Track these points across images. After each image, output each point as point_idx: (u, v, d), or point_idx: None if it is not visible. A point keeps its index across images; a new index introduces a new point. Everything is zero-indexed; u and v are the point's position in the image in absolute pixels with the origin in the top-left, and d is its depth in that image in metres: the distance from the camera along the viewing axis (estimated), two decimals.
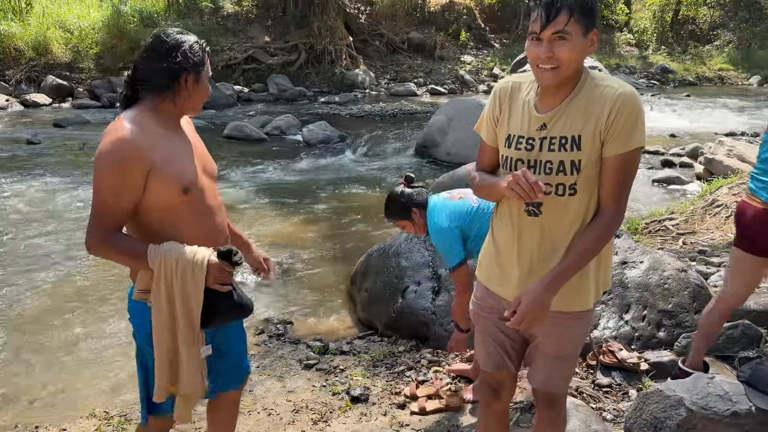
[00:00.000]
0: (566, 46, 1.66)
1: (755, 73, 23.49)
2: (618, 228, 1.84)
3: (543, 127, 1.79)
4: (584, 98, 1.74)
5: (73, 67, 14.93)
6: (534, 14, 1.69)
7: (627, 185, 1.77)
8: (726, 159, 8.40)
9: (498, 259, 1.98)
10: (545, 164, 1.78)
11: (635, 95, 1.72)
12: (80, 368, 3.69)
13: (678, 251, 5.19)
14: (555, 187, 1.78)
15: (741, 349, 3.29)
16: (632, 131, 1.70)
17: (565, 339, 1.96)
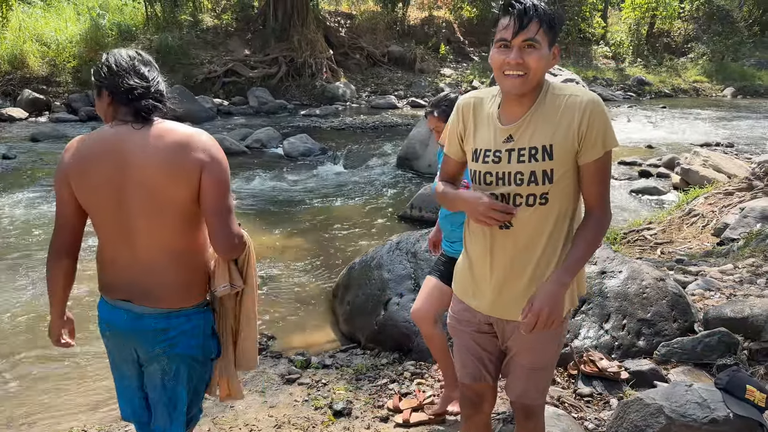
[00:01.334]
0: (535, 55, 1.71)
1: (729, 84, 23.98)
2: (609, 224, 1.89)
3: (509, 139, 1.81)
4: (549, 107, 1.78)
5: (50, 80, 14.81)
6: (504, 21, 1.73)
7: (608, 185, 1.84)
8: (702, 169, 8.55)
9: (472, 272, 1.99)
10: (515, 175, 1.79)
11: (600, 100, 1.78)
12: (57, 385, 3.62)
13: (656, 260, 5.26)
14: (525, 198, 1.80)
15: (718, 356, 3.32)
16: (605, 135, 1.76)
17: (541, 349, 1.96)
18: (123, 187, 1.78)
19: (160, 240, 1.83)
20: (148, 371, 1.96)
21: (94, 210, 1.84)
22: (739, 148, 12.01)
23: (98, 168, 1.78)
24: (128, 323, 1.89)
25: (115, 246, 1.86)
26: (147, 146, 1.77)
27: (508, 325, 1.96)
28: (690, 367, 3.30)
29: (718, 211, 6.43)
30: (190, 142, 1.80)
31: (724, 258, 5.09)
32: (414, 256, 4.25)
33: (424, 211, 7.04)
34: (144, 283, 1.85)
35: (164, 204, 1.79)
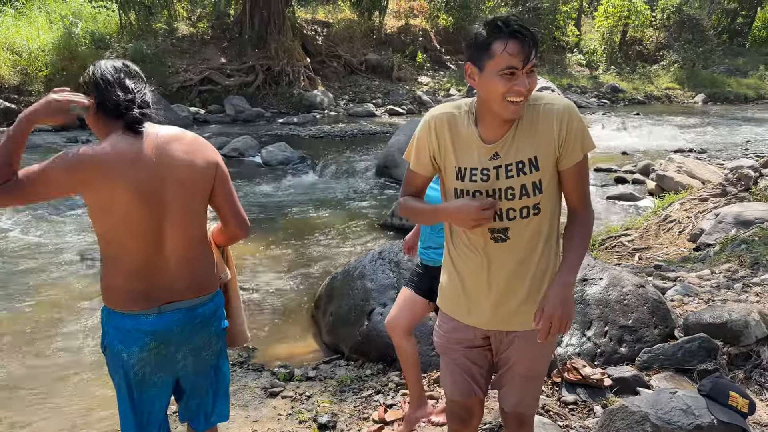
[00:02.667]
0: (534, 78, 1.71)
1: (700, 91, 24.51)
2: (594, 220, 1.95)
3: (495, 156, 1.80)
4: (528, 120, 1.78)
5: (22, 90, 14.52)
6: (510, 48, 1.65)
7: (587, 187, 1.89)
8: (677, 175, 8.69)
9: (464, 289, 1.96)
10: (506, 191, 1.80)
11: (574, 106, 1.81)
12: (39, 401, 3.53)
13: (635, 267, 5.32)
14: (519, 211, 1.81)
15: (699, 362, 3.36)
16: (583, 139, 1.80)
17: (538, 357, 1.99)
18: (159, 192, 1.83)
19: (192, 233, 1.95)
20: (196, 363, 2.02)
21: (120, 217, 1.82)
22: (711, 154, 12.24)
23: (126, 174, 1.79)
24: (183, 321, 1.93)
25: (147, 250, 1.87)
26: (169, 147, 1.87)
27: (507, 336, 1.96)
28: (671, 373, 3.33)
29: (693, 216, 6.53)
30: (201, 142, 1.98)
31: (701, 263, 5.17)
32: (397, 265, 4.24)
33: (405, 219, 7.04)
34: (190, 277, 1.94)
35: (197, 199, 1.94)
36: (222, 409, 2.18)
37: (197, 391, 2.09)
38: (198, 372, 2.05)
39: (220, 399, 2.16)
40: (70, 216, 7.23)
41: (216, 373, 2.12)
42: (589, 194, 1.90)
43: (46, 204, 7.70)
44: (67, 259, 5.85)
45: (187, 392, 2.08)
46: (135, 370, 1.91)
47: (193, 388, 2.08)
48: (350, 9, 23.25)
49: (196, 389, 2.08)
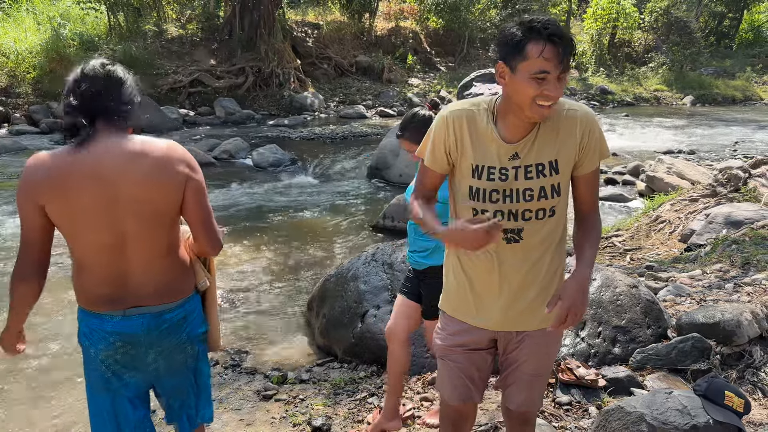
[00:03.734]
0: (563, 83, 1.68)
1: (688, 93, 24.68)
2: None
3: (515, 156, 1.79)
4: (550, 123, 1.78)
5: (9, 92, 14.41)
6: (546, 53, 1.61)
7: (597, 194, 1.96)
8: (666, 176, 8.74)
9: (473, 290, 1.95)
10: (524, 192, 1.80)
11: (593, 114, 1.86)
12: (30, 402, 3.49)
13: (626, 267, 5.33)
14: (535, 213, 1.82)
15: (692, 362, 3.37)
16: (602, 146, 1.85)
17: (546, 356, 2.03)
18: (114, 205, 1.80)
19: (157, 245, 1.91)
20: (169, 365, 2.02)
21: (81, 230, 1.83)
22: (700, 155, 12.34)
23: (84, 189, 1.77)
24: (148, 326, 1.93)
25: (109, 261, 1.87)
26: (132, 163, 1.80)
27: (516, 337, 1.97)
28: (665, 373, 3.34)
29: (684, 217, 6.57)
30: (171, 156, 1.86)
31: (693, 264, 5.19)
32: (390, 267, 4.23)
33: (397, 221, 7.03)
34: (154, 285, 1.93)
35: (155, 215, 1.86)
36: (205, 411, 2.21)
37: (177, 392, 2.11)
38: (173, 373, 2.06)
39: (203, 401, 2.19)
40: None
41: (196, 375, 2.14)
42: (597, 198, 1.96)
43: None
44: (55, 261, 5.80)
45: (166, 393, 2.10)
46: (105, 365, 1.95)
47: (172, 389, 2.09)
48: (340, 11, 23.24)
49: (175, 391, 2.10)
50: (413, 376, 3.57)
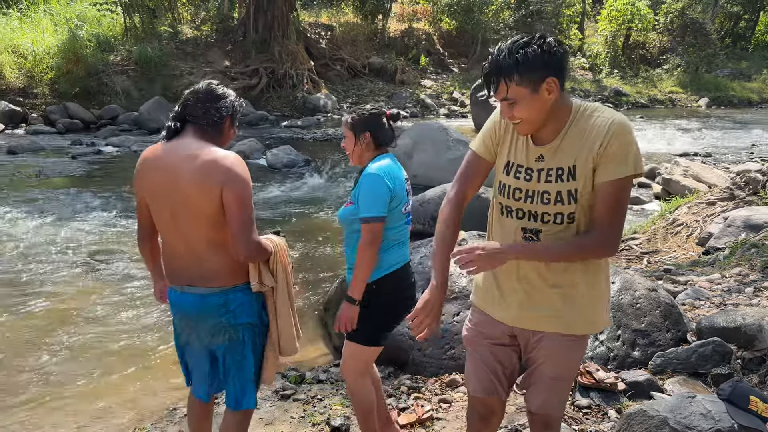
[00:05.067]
0: (517, 108, 1.74)
1: (703, 95, 24.49)
2: (610, 252, 1.85)
3: (540, 159, 1.82)
4: (578, 130, 1.78)
5: (27, 92, 14.57)
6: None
7: (618, 212, 1.77)
8: (683, 179, 8.68)
9: (498, 284, 1.99)
10: (542, 194, 1.82)
11: (627, 124, 1.75)
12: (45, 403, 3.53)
13: (644, 270, 5.30)
14: (553, 216, 1.82)
15: (713, 366, 3.35)
16: (623, 159, 1.72)
17: (566, 361, 1.99)
18: (171, 192, 2.14)
19: (198, 236, 2.18)
20: (217, 343, 2.30)
21: (155, 209, 2.23)
22: (716, 157, 12.23)
23: (154, 176, 2.19)
24: (195, 304, 2.25)
25: (172, 241, 2.24)
26: (185, 162, 2.12)
27: (534, 336, 1.96)
28: (685, 377, 3.31)
29: (701, 220, 6.51)
30: (216, 164, 2.11)
31: (711, 267, 5.15)
32: None
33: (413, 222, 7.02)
34: (199, 269, 2.21)
35: (197, 211, 2.13)
36: (245, 398, 2.38)
37: (227, 369, 2.35)
38: (225, 352, 2.31)
39: (247, 386, 2.38)
40: (82, 217, 7.23)
41: (241, 361, 2.34)
42: (615, 221, 1.77)
43: (60, 205, 7.71)
44: (79, 260, 5.85)
45: (219, 367, 2.36)
46: (175, 327, 2.44)
47: (223, 365, 2.34)
48: (354, 12, 23.29)
49: (225, 368, 2.35)
50: (431, 378, 3.57)
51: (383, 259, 2.55)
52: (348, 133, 2.66)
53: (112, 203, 8.06)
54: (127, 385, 3.77)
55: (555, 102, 1.76)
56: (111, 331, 4.47)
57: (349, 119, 2.66)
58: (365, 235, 2.46)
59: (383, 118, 2.66)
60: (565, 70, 1.76)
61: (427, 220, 6.97)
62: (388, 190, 2.48)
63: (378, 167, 2.51)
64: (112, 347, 4.25)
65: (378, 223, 2.46)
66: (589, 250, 1.80)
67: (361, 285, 2.50)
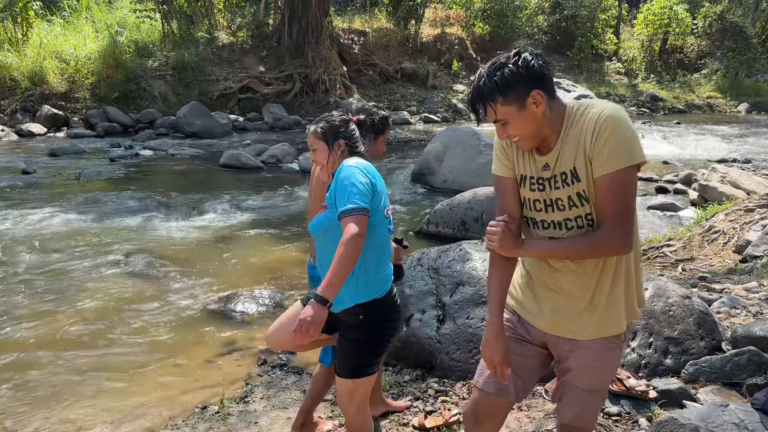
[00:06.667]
0: (509, 128, 1.77)
1: (743, 100, 23.91)
2: (620, 249, 1.77)
3: (546, 167, 1.83)
4: (574, 131, 1.76)
5: (69, 96, 15.00)
6: None
7: (622, 206, 1.72)
8: (720, 185, 8.49)
9: (532, 289, 1.99)
10: (556, 202, 1.82)
11: (618, 114, 1.70)
12: (81, 399, 3.63)
13: (678, 278, 5.20)
14: (575, 221, 1.81)
15: (748, 375, 3.27)
16: (617, 150, 1.68)
17: (597, 370, 1.95)
18: None
19: None
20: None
21: None
22: (756, 164, 11.93)
23: None
24: None
25: None
26: None
27: (566, 344, 1.94)
28: (719, 387, 3.25)
29: (739, 227, 6.36)
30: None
31: (748, 275, 5.03)
32: (436, 272, 4.23)
33: (441, 226, 7.04)
34: None
35: None
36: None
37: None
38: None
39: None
40: (120, 218, 7.42)
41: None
42: (621, 214, 1.72)
43: (98, 207, 7.92)
44: (115, 260, 6.00)
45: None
46: None
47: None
48: (387, 18, 23.39)
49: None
50: (459, 382, 3.57)
51: (371, 277, 2.30)
52: (318, 143, 2.47)
53: (149, 205, 8.24)
54: (159, 383, 3.85)
55: (546, 111, 1.75)
56: (144, 330, 4.58)
57: (319, 129, 2.48)
58: (349, 227, 2.12)
59: (353, 124, 2.55)
60: (547, 79, 1.75)
61: (456, 225, 6.96)
62: (370, 182, 2.27)
63: (356, 162, 2.33)
64: (145, 346, 4.35)
65: (362, 215, 2.16)
66: (599, 246, 1.76)
67: (339, 282, 2.12)
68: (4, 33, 15.41)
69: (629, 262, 1.87)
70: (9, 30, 15.49)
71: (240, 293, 5.19)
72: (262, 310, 4.91)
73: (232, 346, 4.34)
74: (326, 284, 2.08)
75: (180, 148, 12.43)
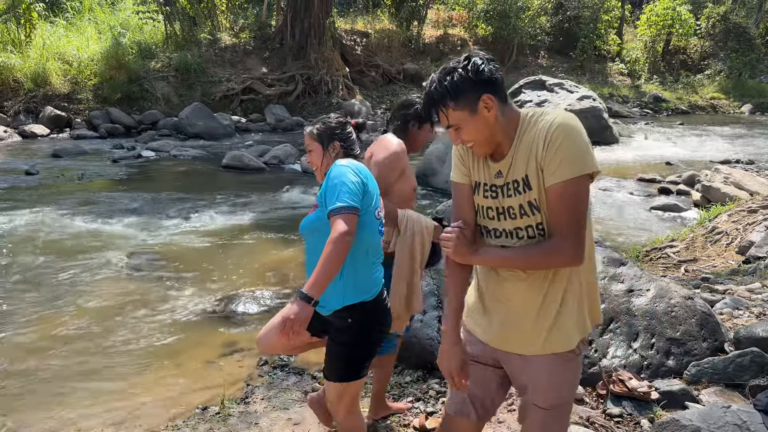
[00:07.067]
0: (462, 133, 1.77)
1: (746, 101, 23.86)
2: (571, 260, 1.72)
3: (499, 174, 1.80)
4: (527, 138, 1.73)
5: (72, 98, 15.03)
6: None
7: (574, 216, 1.68)
8: (723, 186, 8.47)
9: (483, 303, 1.94)
10: (508, 210, 1.79)
11: (570, 123, 1.67)
12: (81, 399, 3.63)
13: (681, 279, 5.19)
14: (525, 230, 1.77)
15: (751, 377, 3.26)
16: (569, 159, 1.64)
17: (555, 387, 1.86)
18: None
19: None
20: None
21: None
22: (760, 165, 11.90)
23: None
24: None
25: None
26: None
27: (517, 360, 1.88)
28: (721, 388, 3.24)
29: (742, 228, 6.34)
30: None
31: (751, 276, 5.01)
32: (437, 272, 4.22)
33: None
34: None
35: None
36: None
37: None
38: None
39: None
40: (121, 218, 7.43)
41: None
42: (571, 226, 1.68)
43: (100, 207, 7.93)
44: (116, 260, 6.00)
45: None
46: None
47: None
48: (389, 19, 23.40)
49: None
50: None
51: (360, 278, 2.28)
52: (314, 145, 2.49)
53: (151, 206, 8.24)
54: (160, 383, 3.84)
55: (499, 116, 1.74)
56: (145, 331, 4.57)
57: (314, 130, 2.49)
58: (337, 225, 2.10)
59: (350, 127, 2.55)
60: (497, 84, 1.74)
61: None
62: (361, 182, 2.27)
63: (348, 161, 2.34)
64: (146, 346, 4.35)
65: (352, 214, 2.15)
66: (550, 256, 1.71)
67: (325, 280, 2.10)
68: (7, 34, 15.44)
69: (580, 275, 1.81)
70: (12, 31, 15.53)
71: (241, 294, 5.19)
72: (264, 311, 4.90)
73: (233, 347, 4.34)
74: (312, 282, 2.07)
75: (182, 149, 12.44)
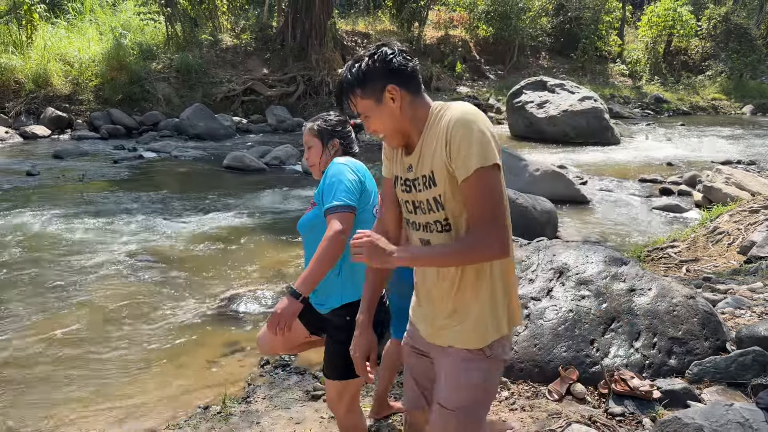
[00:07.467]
0: (371, 122, 1.77)
1: (747, 102, 23.85)
2: (494, 254, 1.68)
3: (410, 168, 1.80)
4: (432, 133, 1.72)
5: (73, 99, 15.04)
6: None
7: (488, 208, 1.64)
8: (725, 187, 8.46)
9: (417, 295, 1.97)
10: (420, 204, 1.79)
11: (468, 118, 1.64)
12: (82, 399, 3.63)
13: (682, 279, 5.18)
14: (434, 224, 1.77)
15: (753, 376, 3.26)
16: (469, 153, 1.61)
17: (458, 386, 1.78)
18: None
19: None
20: None
21: None
22: (761, 165, 11.89)
23: None
24: None
25: None
26: None
27: (436, 352, 1.88)
28: (723, 387, 3.23)
29: (743, 228, 6.34)
30: None
31: (753, 276, 5.00)
32: None
33: None
34: None
35: None
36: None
37: None
38: None
39: None
40: (123, 219, 7.43)
41: None
42: (487, 218, 1.64)
43: (101, 208, 7.94)
44: (118, 260, 6.01)
45: None
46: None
47: None
48: (390, 20, 23.42)
49: None
50: None
51: (358, 276, 2.22)
52: (313, 141, 2.50)
53: (152, 207, 8.25)
54: (161, 383, 3.84)
55: (406, 108, 1.73)
56: (146, 330, 4.58)
57: (315, 126, 2.50)
58: (333, 223, 2.12)
59: (349, 126, 2.56)
60: (407, 75, 1.73)
61: None
62: (359, 180, 2.28)
63: (346, 159, 2.35)
64: (147, 346, 4.35)
65: (348, 213, 2.16)
66: (470, 251, 1.67)
67: (317, 277, 2.12)
68: (8, 35, 15.47)
69: (494, 271, 1.76)
70: (13, 32, 15.55)
71: (242, 294, 5.19)
72: (265, 311, 4.90)
73: (234, 347, 4.34)
74: (303, 279, 2.10)
75: (183, 150, 12.45)
